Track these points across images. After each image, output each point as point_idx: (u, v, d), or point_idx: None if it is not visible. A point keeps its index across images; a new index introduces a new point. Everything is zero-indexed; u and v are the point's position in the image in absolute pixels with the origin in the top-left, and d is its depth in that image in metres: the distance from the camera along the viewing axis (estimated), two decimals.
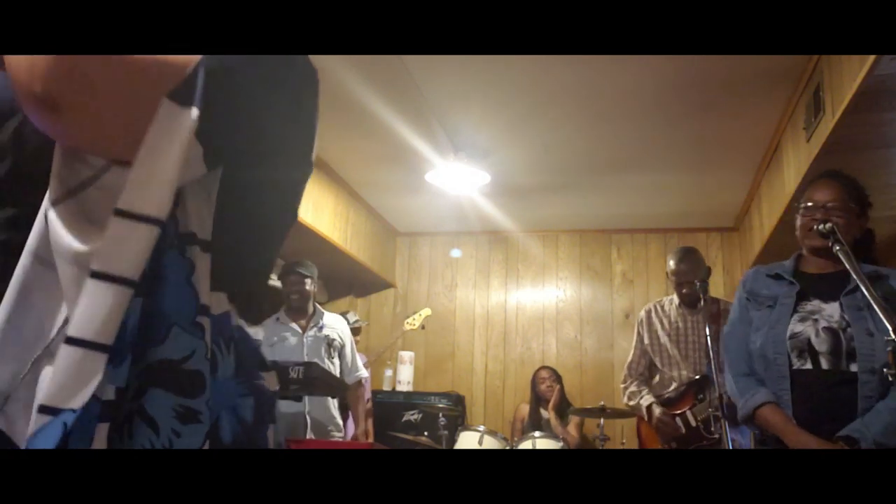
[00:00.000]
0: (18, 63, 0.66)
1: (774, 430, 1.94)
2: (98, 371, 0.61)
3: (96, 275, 0.63)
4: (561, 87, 3.44)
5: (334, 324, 4.01)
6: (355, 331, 4.91)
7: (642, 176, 4.56)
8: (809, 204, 2.07)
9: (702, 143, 4.02)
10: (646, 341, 3.62)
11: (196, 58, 0.68)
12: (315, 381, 2.83)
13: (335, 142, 4.22)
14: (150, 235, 0.64)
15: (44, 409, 0.61)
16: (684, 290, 3.48)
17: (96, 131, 0.67)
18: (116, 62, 0.65)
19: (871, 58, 2.33)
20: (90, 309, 0.62)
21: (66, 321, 0.67)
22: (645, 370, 3.65)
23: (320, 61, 0.84)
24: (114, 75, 0.66)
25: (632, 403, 3.59)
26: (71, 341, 0.62)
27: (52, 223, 0.67)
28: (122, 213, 0.64)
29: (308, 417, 3.66)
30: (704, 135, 3.90)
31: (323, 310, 4.06)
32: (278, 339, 3.83)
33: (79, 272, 0.65)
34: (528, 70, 3.27)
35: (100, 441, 0.63)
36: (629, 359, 3.71)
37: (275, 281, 3.98)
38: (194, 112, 0.66)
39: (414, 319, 4.92)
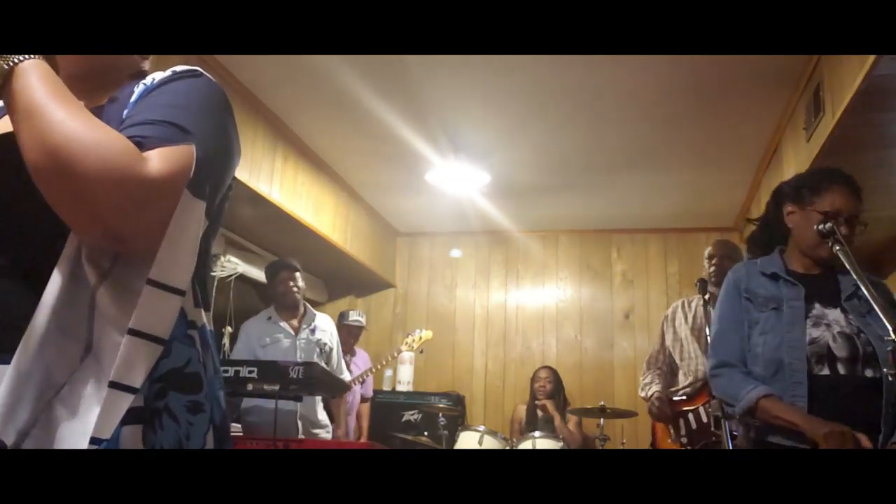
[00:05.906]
0: (77, 210, 0.75)
1: (781, 417, 1.87)
2: (128, 406, 0.75)
3: (133, 332, 0.76)
4: (561, 88, 3.44)
5: (325, 326, 3.92)
6: (356, 330, 4.88)
7: (642, 176, 4.56)
8: (829, 211, 1.98)
9: (702, 144, 4.02)
10: (667, 339, 3.62)
11: (192, 152, 0.81)
12: (315, 381, 2.82)
13: (335, 142, 4.22)
14: (176, 303, 0.79)
15: (93, 441, 0.74)
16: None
17: (152, 244, 0.78)
18: (165, 186, 0.77)
19: (871, 58, 2.33)
20: (128, 361, 0.75)
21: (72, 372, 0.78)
22: (664, 365, 3.64)
23: (321, 61, 0.85)
24: (162, 202, 0.77)
25: (643, 395, 3.58)
26: (114, 385, 0.75)
27: (101, 306, 0.78)
28: (153, 283, 0.77)
29: (299, 418, 3.60)
30: (704, 135, 3.90)
31: (314, 310, 3.96)
32: (271, 341, 3.72)
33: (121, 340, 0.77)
34: (528, 70, 3.27)
35: (135, 439, 0.76)
36: (650, 353, 3.71)
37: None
38: (204, 205, 0.82)
39: (413, 341, 4.79)
